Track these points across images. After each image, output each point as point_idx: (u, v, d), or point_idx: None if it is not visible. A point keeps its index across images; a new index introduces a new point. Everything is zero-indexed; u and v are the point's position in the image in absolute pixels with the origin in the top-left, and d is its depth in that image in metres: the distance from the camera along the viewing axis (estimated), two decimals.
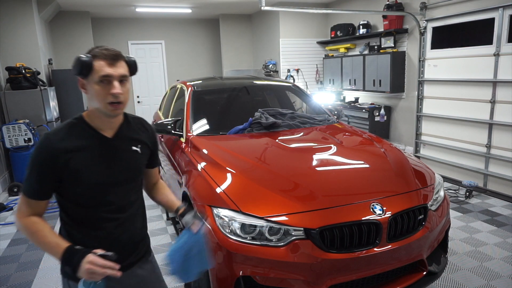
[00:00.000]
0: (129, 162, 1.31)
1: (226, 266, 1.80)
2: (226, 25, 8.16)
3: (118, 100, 1.18)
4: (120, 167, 1.28)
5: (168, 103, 3.97)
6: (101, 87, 1.16)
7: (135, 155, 1.34)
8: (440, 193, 2.28)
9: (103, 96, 1.16)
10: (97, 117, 1.24)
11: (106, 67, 1.16)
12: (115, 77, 1.17)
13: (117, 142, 1.28)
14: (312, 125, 3.08)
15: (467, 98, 4.46)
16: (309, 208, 1.87)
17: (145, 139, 1.39)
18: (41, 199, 1.21)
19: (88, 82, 1.18)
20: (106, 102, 1.17)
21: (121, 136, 1.30)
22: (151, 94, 8.37)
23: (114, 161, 1.27)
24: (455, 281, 2.57)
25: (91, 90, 1.18)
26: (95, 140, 1.24)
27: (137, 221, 1.39)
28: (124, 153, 1.30)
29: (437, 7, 4.76)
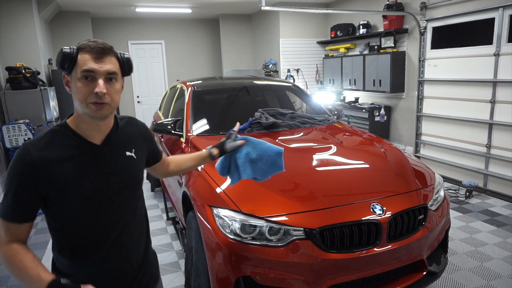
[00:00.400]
0: (124, 171, 1.14)
1: (226, 266, 1.80)
2: (226, 25, 8.16)
3: (101, 100, 1.01)
4: (114, 177, 1.11)
5: (168, 103, 3.97)
6: (83, 84, 1.00)
7: (129, 162, 1.16)
8: (440, 193, 2.28)
9: (84, 95, 1.00)
10: (83, 121, 1.06)
11: (91, 62, 1.00)
12: (100, 73, 1.01)
13: (108, 149, 1.11)
14: (312, 125, 3.08)
15: (467, 98, 4.46)
16: (309, 208, 1.87)
17: (138, 139, 1.23)
18: (22, 221, 1.02)
19: (71, 79, 1.03)
20: (88, 102, 1.01)
21: (111, 141, 1.13)
22: (151, 94, 8.37)
23: (106, 171, 1.09)
24: (455, 281, 2.57)
25: (73, 88, 1.03)
26: (82, 149, 1.07)
27: (137, 241, 1.20)
28: (116, 161, 1.13)
29: (437, 7, 4.76)
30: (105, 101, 1.02)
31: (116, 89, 1.07)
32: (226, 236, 1.81)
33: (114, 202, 1.11)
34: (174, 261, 2.96)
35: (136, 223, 1.20)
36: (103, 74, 1.01)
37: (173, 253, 3.08)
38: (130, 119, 1.25)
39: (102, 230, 1.10)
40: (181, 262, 2.93)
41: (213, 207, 1.92)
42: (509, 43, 3.93)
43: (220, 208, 1.90)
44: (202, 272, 2.01)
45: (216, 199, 1.97)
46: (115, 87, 1.06)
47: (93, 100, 1.00)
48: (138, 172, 1.21)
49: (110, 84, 1.04)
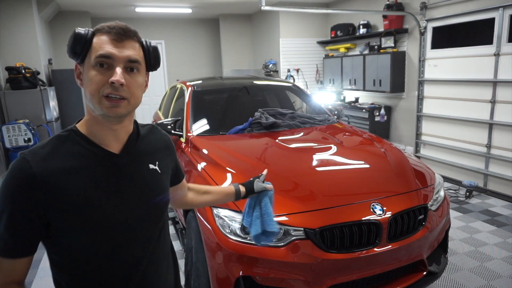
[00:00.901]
0: (147, 188, 0.92)
1: (226, 266, 1.80)
2: (226, 25, 8.16)
3: (118, 93, 0.80)
4: (135, 195, 0.89)
5: (168, 103, 3.97)
6: (97, 73, 0.80)
7: (154, 177, 0.95)
8: (440, 193, 2.28)
9: (96, 85, 0.80)
10: (96, 124, 0.86)
11: (108, 45, 0.81)
12: (119, 59, 0.81)
13: (127, 160, 0.89)
14: (312, 125, 3.07)
15: (467, 98, 4.46)
16: (309, 208, 1.87)
17: (162, 151, 1.02)
18: (18, 255, 0.80)
19: (84, 69, 0.84)
20: (101, 95, 0.80)
21: (132, 151, 0.92)
22: (151, 94, 8.36)
23: (126, 187, 0.88)
24: (455, 281, 2.57)
25: (85, 79, 0.83)
26: (95, 159, 0.85)
27: (165, 275, 0.99)
28: (138, 174, 0.91)
29: (437, 7, 4.76)
30: (123, 95, 0.81)
31: (139, 83, 0.86)
32: (226, 236, 1.81)
33: (136, 228, 0.88)
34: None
35: (162, 257, 0.97)
36: (122, 60, 0.82)
37: None
38: (152, 128, 1.05)
39: (121, 267, 0.87)
40: (181, 262, 2.93)
41: (213, 207, 1.92)
42: (509, 43, 3.93)
43: (220, 208, 1.90)
44: (202, 272, 2.00)
45: None
46: (137, 80, 0.85)
47: (107, 91, 0.80)
48: (165, 189, 0.98)
49: (131, 75, 0.84)
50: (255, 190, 1.31)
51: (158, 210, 0.95)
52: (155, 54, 0.92)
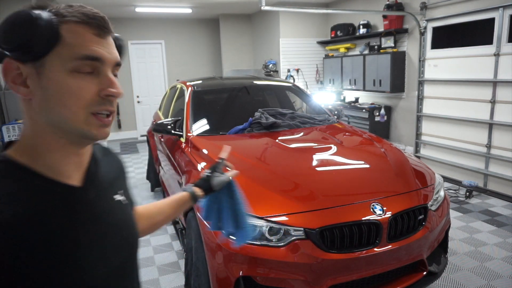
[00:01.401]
0: (121, 227, 0.71)
1: (226, 266, 1.80)
2: (226, 25, 8.16)
3: (112, 108, 0.64)
4: (115, 242, 0.68)
5: (168, 103, 3.97)
6: (82, 81, 0.59)
7: (123, 211, 0.74)
8: (440, 193, 2.28)
9: (84, 99, 0.60)
10: (55, 150, 0.62)
11: (92, 41, 0.60)
12: (109, 63, 0.63)
13: (93, 193, 0.67)
14: (312, 125, 3.08)
15: (467, 98, 4.46)
16: (309, 208, 1.87)
17: (122, 177, 0.82)
18: None
19: (44, 72, 0.58)
20: (88, 112, 0.60)
21: (95, 181, 0.69)
22: (151, 94, 8.36)
23: (102, 233, 0.65)
24: (455, 281, 2.57)
25: (52, 88, 0.59)
26: (52, 199, 0.60)
27: None
28: (110, 212, 0.69)
29: (437, 7, 4.76)
30: (113, 109, 0.65)
31: None
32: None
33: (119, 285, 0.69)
34: (174, 261, 2.96)
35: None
36: (111, 64, 0.64)
37: (173, 253, 3.08)
38: (104, 148, 0.82)
39: None
40: (181, 262, 2.93)
41: None
42: (509, 43, 3.93)
43: None
44: (202, 272, 2.00)
45: None
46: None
47: (100, 107, 0.62)
48: (135, 224, 0.77)
49: None
50: (213, 188, 1.10)
51: (136, 255, 0.75)
52: (124, 52, 0.72)
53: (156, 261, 2.96)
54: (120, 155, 1.04)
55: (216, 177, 1.10)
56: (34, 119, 0.62)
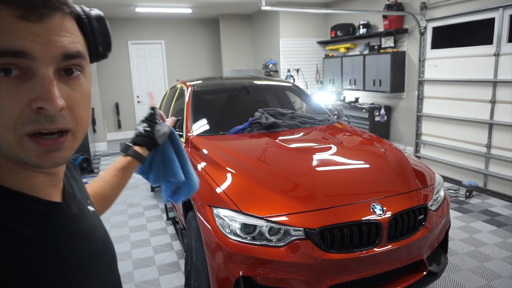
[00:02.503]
0: (107, 242, 0.63)
1: (226, 266, 1.80)
2: (226, 25, 8.16)
3: (56, 126, 0.45)
4: (105, 259, 0.60)
5: (168, 103, 3.97)
6: (2, 90, 0.42)
7: (100, 223, 0.65)
8: (440, 193, 2.28)
9: (7, 117, 0.43)
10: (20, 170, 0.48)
11: (14, 28, 0.42)
12: (45, 57, 0.44)
13: (76, 208, 0.57)
14: (312, 125, 3.08)
15: (467, 98, 4.46)
16: (309, 208, 1.87)
17: (83, 185, 0.69)
18: None
19: None
20: (20, 134, 0.44)
21: (72, 194, 0.59)
22: None
23: (92, 250, 0.56)
24: (455, 281, 2.57)
25: None
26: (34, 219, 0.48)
27: None
28: (93, 226, 0.60)
29: (437, 7, 4.76)
30: (64, 126, 0.47)
31: (86, 94, 0.50)
32: (226, 236, 1.81)
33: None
34: (174, 261, 2.96)
35: None
36: (51, 59, 0.44)
37: (173, 253, 3.08)
38: None
39: None
40: (181, 262, 2.93)
41: (213, 207, 1.92)
42: (509, 43, 3.93)
43: (220, 208, 1.90)
44: (202, 272, 2.00)
45: (216, 199, 1.97)
46: (82, 89, 0.49)
47: (35, 126, 0.44)
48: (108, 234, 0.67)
49: (71, 83, 0.47)
50: (159, 142, 0.99)
51: (115, 263, 0.66)
52: (102, 30, 0.54)
53: (156, 261, 2.96)
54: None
55: (158, 130, 0.99)
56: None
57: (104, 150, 7.07)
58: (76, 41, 0.48)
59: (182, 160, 1.05)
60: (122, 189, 0.95)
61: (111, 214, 3.96)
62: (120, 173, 0.93)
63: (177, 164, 1.03)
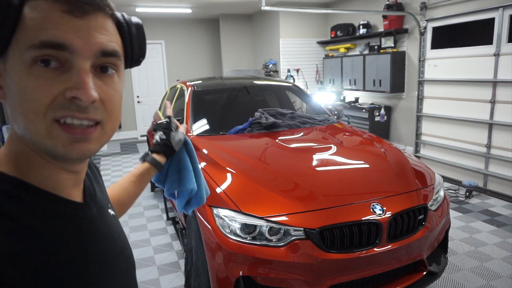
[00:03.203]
0: (125, 244, 0.62)
1: (226, 266, 1.80)
2: (226, 25, 8.16)
3: (86, 116, 0.46)
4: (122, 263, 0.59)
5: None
6: (39, 77, 0.44)
7: (120, 227, 0.64)
8: (440, 193, 2.28)
9: (39, 102, 0.44)
10: (34, 165, 0.49)
11: (58, 21, 0.44)
12: (84, 51, 0.45)
13: (96, 210, 0.57)
14: (312, 125, 3.08)
15: (467, 98, 4.46)
16: (309, 208, 1.87)
17: (104, 188, 0.69)
18: None
19: (6, 67, 0.46)
20: (50, 120, 0.45)
21: (93, 194, 0.59)
22: (151, 94, 8.37)
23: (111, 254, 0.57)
24: (455, 281, 2.57)
25: (11, 87, 0.45)
26: (56, 218, 0.49)
27: None
28: (112, 229, 0.59)
29: (437, 7, 4.76)
30: (95, 117, 0.48)
31: (119, 93, 0.52)
32: (226, 236, 1.81)
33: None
34: (174, 261, 2.96)
35: None
36: (90, 54, 0.46)
37: (173, 253, 3.08)
38: None
39: None
40: (181, 262, 2.93)
41: (213, 207, 1.92)
42: (509, 43, 3.93)
43: (220, 208, 1.90)
44: (202, 272, 2.01)
45: (216, 199, 1.97)
46: (115, 87, 0.50)
47: (63, 112, 0.45)
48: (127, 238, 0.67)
49: (106, 81, 0.49)
50: (176, 149, 1.00)
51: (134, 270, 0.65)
52: (139, 37, 0.55)
53: (156, 261, 2.96)
54: (120, 155, 0.97)
55: (174, 137, 1.01)
56: (12, 126, 0.48)
57: (105, 150, 7.07)
58: (114, 41, 0.50)
59: (195, 170, 1.06)
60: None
61: None
62: (137, 180, 0.94)
63: (192, 172, 1.04)
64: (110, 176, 5.34)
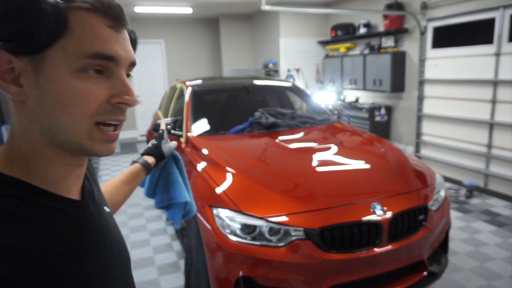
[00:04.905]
0: (121, 243, 0.64)
1: (226, 266, 1.79)
2: (226, 25, 8.15)
3: (122, 118, 0.54)
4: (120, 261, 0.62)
5: (168, 102, 3.97)
6: (91, 84, 0.49)
7: (115, 224, 0.66)
8: (441, 193, 2.27)
9: (90, 107, 0.49)
10: (45, 162, 0.51)
11: (108, 36, 0.50)
12: (124, 62, 0.53)
13: (94, 207, 0.59)
14: (312, 125, 3.07)
15: (468, 98, 4.45)
16: (309, 208, 1.87)
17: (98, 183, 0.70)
18: None
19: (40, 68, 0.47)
20: (93, 122, 0.50)
21: (91, 192, 0.61)
22: (150, 93, 8.36)
23: (110, 251, 0.58)
24: (455, 282, 2.56)
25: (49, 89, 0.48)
26: (57, 216, 0.50)
27: None
28: (109, 226, 0.61)
29: (437, 7, 4.75)
30: (124, 118, 0.55)
31: None
32: (226, 237, 1.81)
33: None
34: (174, 261, 2.95)
35: None
36: (126, 65, 0.53)
37: (173, 253, 3.08)
38: None
39: None
40: (181, 262, 2.92)
41: (213, 207, 1.92)
42: (509, 42, 3.92)
43: (220, 208, 1.89)
44: (202, 272, 2.00)
45: (216, 199, 1.97)
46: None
47: (110, 117, 0.52)
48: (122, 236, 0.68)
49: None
50: (165, 155, 1.09)
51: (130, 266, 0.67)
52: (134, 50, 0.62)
53: (156, 261, 2.96)
54: (120, 155, 1.00)
55: (164, 143, 1.10)
56: (25, 125, 0.50)
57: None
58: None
59: (185, 184, 1.13)
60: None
61: None
62: (128, 179, 0.99)
63: (183, 185, 1.10)
64: (109, 176, 5.34)
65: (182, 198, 1.08)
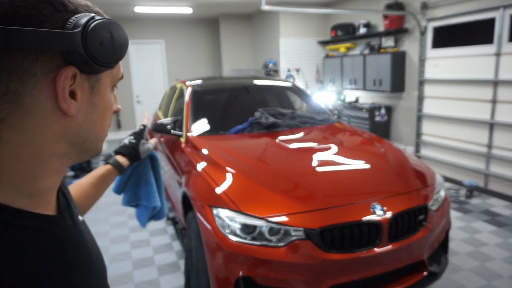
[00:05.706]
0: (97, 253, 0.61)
1: (226, 266, 1.79)
2: (226, 25, 8.15)
3: None
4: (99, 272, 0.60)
5: (168, 102, 3.97)
6: (113, 98, 0.59)
7: (89, 232, 0.64)
8: (441, 193, 2.27)
9: (110, 115, 0.59)
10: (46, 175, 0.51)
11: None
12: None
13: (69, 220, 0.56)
14: (312, 125, 3.07)
15: (468, 97, 4.45)
16: (309, 208, 1.86)
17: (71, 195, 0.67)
18: None
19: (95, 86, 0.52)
20: (108, 127, 0.59)
21: (65, 205, 0.59)
22: (150, 93, 8.36)
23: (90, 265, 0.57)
24: (455, 282, 2.56)
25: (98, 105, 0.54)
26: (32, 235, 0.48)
27: None
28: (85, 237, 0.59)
29: (437, 7, 4.75)
30: None
31: None
32: (226, 237, 1.81)
33: None
34: (174, 261, 2.95)
35: None
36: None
37: (173, 253, 3.08)
38: None
39: None
40: (181, 262, 2.92)
41: (213, 207, 1.92)
42: (509, 42, 3.92)
43: (220, 208, 1.89)
44: (202, 273, 2.00)
45: (216, 199, 1.96)
46: None
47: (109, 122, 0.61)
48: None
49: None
50: (141, 157, 1.02)
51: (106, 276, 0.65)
52: None
53: (156, 261, 2.96)
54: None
55: (143, 144, 1.03)
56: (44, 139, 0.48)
57: (104, 150, 7.04)
58: None
59: (158, 187, 1.06)
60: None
61: (110, 214, 3.96)
62: (97, 182, 0.94)
63: (155, 189, 1.04)
64: None
65: (151, 203, 1.03)
